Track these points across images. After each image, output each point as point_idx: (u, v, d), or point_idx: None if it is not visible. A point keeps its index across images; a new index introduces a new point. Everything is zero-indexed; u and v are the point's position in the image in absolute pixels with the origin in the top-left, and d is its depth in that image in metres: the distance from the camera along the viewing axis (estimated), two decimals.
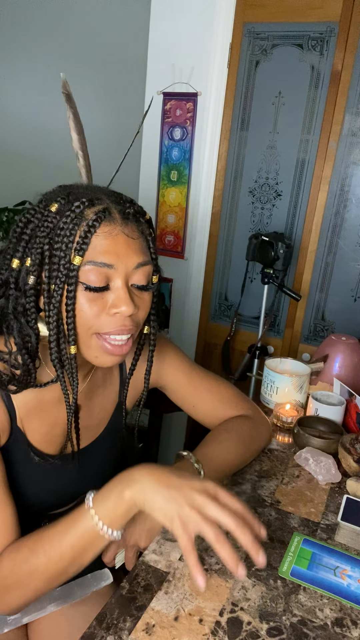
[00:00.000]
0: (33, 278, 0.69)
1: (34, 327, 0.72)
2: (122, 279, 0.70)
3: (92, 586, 0.83)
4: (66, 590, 0.82)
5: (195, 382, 0.98)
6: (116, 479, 0.67)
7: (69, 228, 0.67)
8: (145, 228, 0.74)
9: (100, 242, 0.68)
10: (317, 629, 0.64)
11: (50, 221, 0.69)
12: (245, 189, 2.00)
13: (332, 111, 1.77)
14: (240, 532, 0.60)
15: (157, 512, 0.62)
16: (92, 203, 0.69)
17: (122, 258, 0.69)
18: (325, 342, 1.31)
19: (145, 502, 0.63)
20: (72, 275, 0.67)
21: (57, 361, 0.73)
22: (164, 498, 0.62)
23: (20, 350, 0.72)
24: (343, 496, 0.85)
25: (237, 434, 0.93)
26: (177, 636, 0.61)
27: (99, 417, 0.90)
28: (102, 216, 0.68)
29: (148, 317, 0.80)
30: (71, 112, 0.85)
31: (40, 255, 0.69)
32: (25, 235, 0.70)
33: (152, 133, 2.07)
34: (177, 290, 2.19)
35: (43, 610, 0.80)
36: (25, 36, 2.57)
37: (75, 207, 0.68)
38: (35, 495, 0.83)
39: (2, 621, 0.80)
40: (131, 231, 0.71)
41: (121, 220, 0.70)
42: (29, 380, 0.74)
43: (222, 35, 1.87)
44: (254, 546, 0.60)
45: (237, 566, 0.59)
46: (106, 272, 0.69)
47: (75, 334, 0.71)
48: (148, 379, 0.88)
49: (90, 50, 2.42)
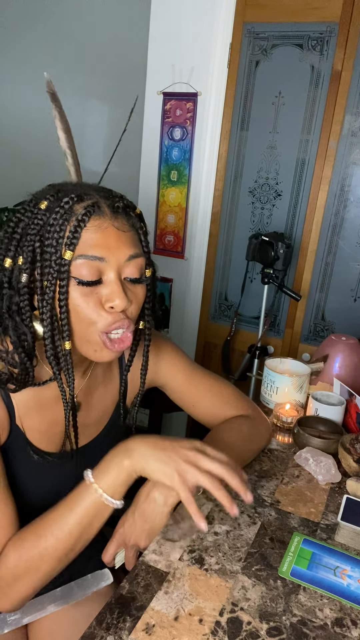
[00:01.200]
0: (26, 276, 0.70)
1: (29, 325, 0.72)
2: (114, 272, 0.70)
3: (92, 586, 0.83)
4: (66, 591, 0.82)
5: (195, 382, 0.99)
6: (112, 452, 0.72)
7: (58, 224, 0.68)
8: (135, 221, 0.74)
9: (91, 236, 0.68)
10: (317, 629, 0.64)
11: (40, 218, 0.69)
12: (245, 189, 2.00)
13: (332, 111, 1.77)
14: (230, 478, 0.69)
15: (157, 473, 0.69)
16: (80, 198, 0.69)
17: (113, 251, 0.70)
18: (325, 342, 1.31)
19: (144, 466, 0.69)
20: (64, 270, 0.68)
21: (53, 358, 0.73)
22: (160, 459, 0.69)
23: (16, 349, 0.72)
24: (343, 496, 0.85)
25: (237, 433, 0.93)
26: (177, 636, 0.61)
27: (99, 414, 0.90)
28: (92, 210, 0.68)
29: (142, 311, 0.80)
30: (57, 112, 0.84)
31: (32, 253, 0.69)
32: (17, 235, 0.71)
33: (152, 133, 2.07)
34: (177, 290, 2.19)
35: (43, 611, 0.80)
36: (26, 36, 2.57)
37: (64, 203, 0.68)
38: (34, 492, 0.83)
39: (2, 621, 0.79)
40: (121, 224, 0.71)
41: (111, 213, 0.70)
42: (27, 378, 0.74)
43: (222, 35, 1.87)
44: (243, 486, 0.70)
45: (232, 505, 0.68)
46: (98, 266, 0.69)
47: (69, 329, 0.71)
48: (145, 375, 0.87)
49: (91, 50, 2.42)
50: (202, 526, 0.67)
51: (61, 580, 0.82)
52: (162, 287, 2.19)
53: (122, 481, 0.70)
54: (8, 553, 0.70)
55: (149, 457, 0.70)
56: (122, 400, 0.93)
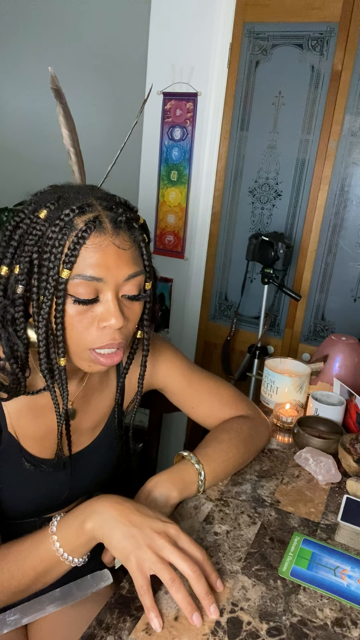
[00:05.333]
0: (22, 287, 0.67)
1: (23, 336, 0.70)
2: (112, 292, 0.68)
3: (92, 587, 0.83)
4: (66, 591, 0.82)
5: (194, 383, 0.98)
6: (79, 507, 0.68)
7: (57, 238, 0.65)
8: (138, 235, 0.71)
9: (90, 255, 0.66)
10: (317, 629, 0.64)
11: (39, 229, 0.66)
12: (245, 189, 2.00)
13: (332, 111, 1.77)
14: (195, 581, 0.61)
15: (114, 548, 0.63)
16: (82, 211, 0.66)
17: (112, 271, 0.67)
18: (325, 342, 1.31)
19: (104, 535, 0.64)
20: (61, 288, 0.66)
21: (47, 372, 0.71)
22: (122, 534, 0.63)
23: (8, 360, 0.70)
24: (343, 496, 0.85)
25: (237, 434, 0.93)
26: (177, 636, 0.61)
27: (96, 420, 0.90)
28: (92, 226, 0.65)
29: (141, 321, 0.79)
30: (61, 108, 0.82)
31: (29, 265, 0.67)
32: (14, 241, 0.68)
33: (152, 133, 2.07)
34: (177, 290, 2.19)
35: (43, 611, 0.80)
36: (26, 36, 2.57)
37: (64, 216, 0.65)
38: (30, 498, 0.83)
39: (1, 622, 0.79)
40: (122, 241, 0.68)
41: (112, 229, 0.67)
42: (18, 388, 0.73)
43: (222, 35, 1.87)
44: (208, 597, 0.62)
45: (191, 614, 0.60)
46: (95, 285, 0.67)
47: (65, 346, 0.69)
48: (142, 384, 0.86)
49: (90, 50, 2.42)
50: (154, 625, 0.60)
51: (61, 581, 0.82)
52: (162, 287, 2.19)
53: (82, 543, 0.66)
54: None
55: (112, 527, 0.63)
56: (118, 406, 0.92)
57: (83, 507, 0.67)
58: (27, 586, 0.68)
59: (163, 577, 0.60)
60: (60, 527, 0.67)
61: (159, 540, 0.62)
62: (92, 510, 0.66)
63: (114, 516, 0.64)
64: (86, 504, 0.68)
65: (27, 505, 0.83)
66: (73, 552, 0.66)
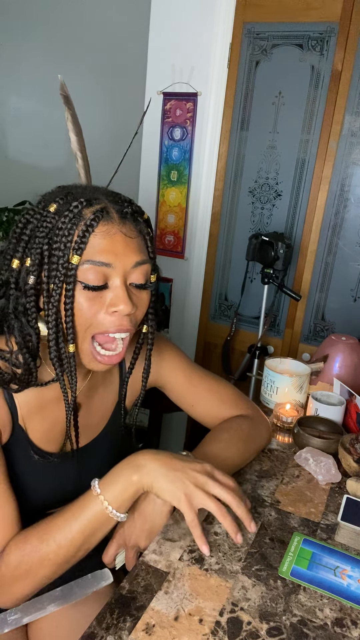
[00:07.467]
0: (33, 278, 0.70)
1: (35, 326, 0.72)
2: (120, 278, 0.71)
3: (92, 586, 0.83)
4: (66, 590, 0.82)
5: (194, 382, 0.99)
6: (121, 464, 0.73)
7: (67, 228, 0.68)
8: (143, 227, 0.74)
9: (98, 241, 0.69)
10: (317, 629, 0.64)
11: (49, 221, 0.69)
12: (245, 189, 2.00)
13: (332, 111, 1.77)
14: (236, 506, 0.71)
15: (164, 492, 0.69)
16: (90, 203, 0.70)
17: (120, 257, 0.70)
18: (325, 342, 1.31)
19: (153, 484, 0.70)
20: (71, 274, 0.68)
21: (57, 360, 0.73)
22: (169, 479, 0.69)
23: (21, 349, 0.73)
24: (343, 496, 0.85)
25: (236, 433, 0.94)
26: (177, 636, 0.61)
27: (99, 415, 0.91)
28: (100, 215, 0.69)
29: (146, 316, 0.81)
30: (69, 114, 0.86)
31: (40, 255, 0.70)
32: (25, 236, 0.71)
33: (152, 133, 2.07)
34: (177, 290, 2.19)
35: (43, 611, 0.80)
36: (26, 37, 2.57)
37: (73, 207, 0.69)
38: (35, 492, 0.83)
39: (2, 621, 0.79)
40: (129, 230, 0.71)
41: (119, 219, 0.71)
42: (30, 379, 0.75)
43: (222, 35, 1.87)
44: (248, 516, 0.72)
45: (236, 533, 0.70)
46: (104, 271, 0.70)
47: (74, 333, 0.72)
48: (146, 378, 0.88)
49: (90, 50, 2.42)
50: (204, 550, 0.70)
51: (61, 580, 0.82)
52: (162, 287, 2.19)
53: (129, 496, 0.70)
54: (10, 553, 0.70)
55: (158, 475, 0.70)
56: (122, 401, 0.93)
57: (124, 464, 0.72)
58: (73, 554, 0.71)
59: (211, 508, 0.69)
60: (104, 486, 0.71)
61: (202, 477, 0.70)
62: (136, 464, 0.71)
63: (157, 465, 0.71)
64: (126, 460, 0.73)
65: (34, 498, 0.83)
66: (120, 507, 0.70)
